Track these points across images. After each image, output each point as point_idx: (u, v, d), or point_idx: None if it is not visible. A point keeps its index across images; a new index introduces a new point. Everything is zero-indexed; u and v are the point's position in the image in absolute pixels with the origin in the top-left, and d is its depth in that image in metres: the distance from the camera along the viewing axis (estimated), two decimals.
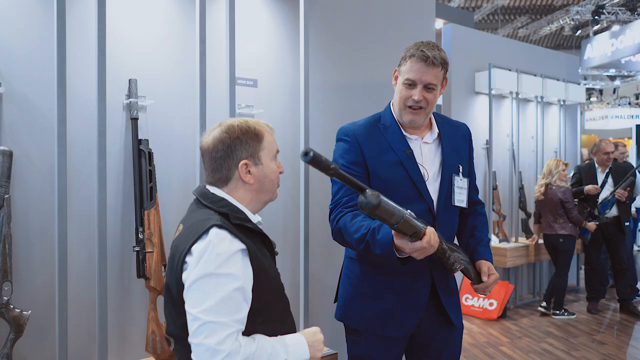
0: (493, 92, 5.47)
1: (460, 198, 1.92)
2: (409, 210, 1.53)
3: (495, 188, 5.50)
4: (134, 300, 2.35)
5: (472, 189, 2.04)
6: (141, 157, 2.30)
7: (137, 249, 2.24)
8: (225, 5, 2.47)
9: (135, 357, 2.34)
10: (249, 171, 1.44)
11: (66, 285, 2.05)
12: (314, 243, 2.87)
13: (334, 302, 2.08)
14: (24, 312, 1.99)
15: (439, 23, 8.23)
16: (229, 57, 2.44)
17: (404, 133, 1.88)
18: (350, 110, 3.01)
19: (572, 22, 12.04)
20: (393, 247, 1.61)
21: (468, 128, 2.08)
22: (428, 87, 1.81)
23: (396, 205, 1.48)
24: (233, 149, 1.42)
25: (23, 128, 2.08)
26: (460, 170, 1.93)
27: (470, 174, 2.01)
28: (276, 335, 1.39)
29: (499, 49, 5.70)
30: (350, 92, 3.08)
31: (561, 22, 12.64)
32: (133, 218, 2.30)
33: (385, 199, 1.45)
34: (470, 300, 5.26)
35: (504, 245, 5.40)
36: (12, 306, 1.98)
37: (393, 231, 1.59)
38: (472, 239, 1.99)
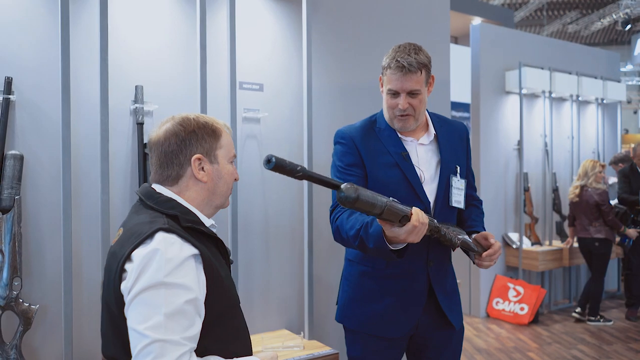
0: (524, 91, 5.33)
1: (458, 199, 1.91)
2: (390, 197, 1.53)
3: (527, 190, 5.36)
4: None
5: (470, 188, 2.04)
6: (146, 160, 2.40)
7: None
8: (226, 11, 2.55)
9: None
10: (203, 168, 1.29)
11: (71, 282, 2.17)
12: (319, 244, 2.90)
13: (336, 304, 2.10)
14: (32, 306, 2.12)
15: (477, 21, 8.07)
16: (230, 62, 2.51)
17: (399, 135, 1.90)
18: (357, 112, 3.02)
19: (623, 17, 11.51)
20: (384, 239, 1.61)
21: (466, 127, 2.06)
22: (412, 94, 1.81)
23: (376, 195, 1.46)
24: (187, 144, 1.27)
25: (33, 133, 2.22)
26: (458, 171, 1.93)
27: (467, 174, 2.01)
28: (230, 354, 1.25)
29: (531, 47, 5.55)
30: (357, 94, 3.09)
31: (613, 16, 12.12)
32: None
33: (364, 191, 1.42)
34: (500, 305, 5.15)
35: (536, 248, 5.25)
36: (21, 300, 2.11)
37: (381, 222, 1.58)
38: (467, 226, 2.00)
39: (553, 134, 5.61)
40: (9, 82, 2.13)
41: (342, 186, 1.40)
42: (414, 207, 1.57)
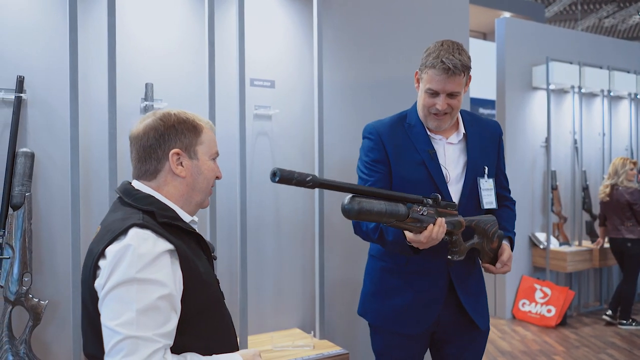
0: (552, 86, 5.17)
1: (489, 200, 1.90)
2: (408, 205, 1.54)
3: (555, 188, 5.20)
4: None
5: (503, 189, 2.01)
6: None
7: None
8: (235, 7, 2.54)
9: None
10: (181, 163, 1.28)
11: (79, 278, 2.18)
12: (332, 242, 2.87)
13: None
14: (41, 302, 2.15)
15: (506, 16, 7.87)
16: (239, 58, 2.50)
17: (429, 133, 1.88)
18: (369, 109, 2.98)
19: None
20: (403, 234, 1.65)
21: (499, 126, 2.02)
22: (451, 95, 1.79)
23: (387, 207, 1.47)
24: (166, 138, 1.26)
25: (45, 131, 2.25)
26: (486, 171, 1.90)
27: (498, 173, 1.98)
28: (211, 352, 1.23)
29: (559, 41, 5.38)
30: (370, 91, 3.04)
31: None
32: None
33: (370, 203, 1.44)
34: (527, 306, 5.01)
35: (564, 249, 5.09)
36: (31, 296, 2.14)
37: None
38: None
39: (583, 130, 5.43)
40: (20, 81, 2.16)
41: (345, 199, 1.43)
42: (438, 219, 1.60)
